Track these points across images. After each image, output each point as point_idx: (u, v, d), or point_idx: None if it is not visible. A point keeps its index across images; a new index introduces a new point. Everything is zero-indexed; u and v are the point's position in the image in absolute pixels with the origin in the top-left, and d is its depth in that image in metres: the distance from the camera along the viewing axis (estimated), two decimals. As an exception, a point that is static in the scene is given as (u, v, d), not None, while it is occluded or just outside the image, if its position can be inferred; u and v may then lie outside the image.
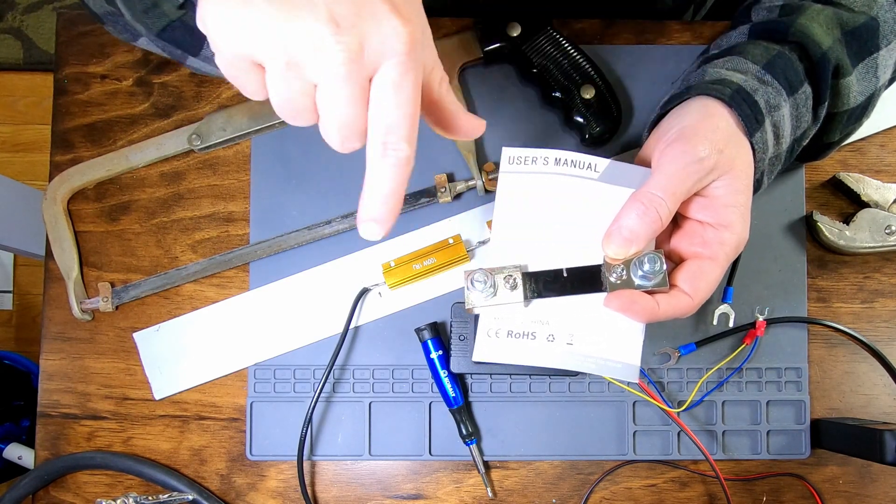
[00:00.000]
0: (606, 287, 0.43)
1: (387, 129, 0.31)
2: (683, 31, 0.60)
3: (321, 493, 0.57)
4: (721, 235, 0.42)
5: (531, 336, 0.44)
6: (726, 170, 0.42)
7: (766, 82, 0.45)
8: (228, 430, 0.57)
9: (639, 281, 0.42)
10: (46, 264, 0.58)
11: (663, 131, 0.44)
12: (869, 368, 0.57)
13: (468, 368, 0.53)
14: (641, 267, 0.42)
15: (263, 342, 0.57)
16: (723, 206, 0.42)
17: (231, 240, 0.58)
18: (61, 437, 0.57)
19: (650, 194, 0.41)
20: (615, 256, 0.42)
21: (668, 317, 0.42)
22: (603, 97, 0.56)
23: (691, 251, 0.44)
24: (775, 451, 0.56)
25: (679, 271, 0.43)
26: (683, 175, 0.41)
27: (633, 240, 0.41)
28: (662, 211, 0.41)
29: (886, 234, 0.55)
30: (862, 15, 0.46)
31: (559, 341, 0.44)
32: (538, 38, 0.56)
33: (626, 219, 0.41)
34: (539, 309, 0.44)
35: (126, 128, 0.59)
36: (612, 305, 0.42)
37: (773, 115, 0.44)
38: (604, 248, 0.43)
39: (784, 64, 0.45)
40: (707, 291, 0.43)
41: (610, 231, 0.42)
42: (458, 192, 0.57)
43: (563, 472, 0.57)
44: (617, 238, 0.41)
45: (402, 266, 0.56)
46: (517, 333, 0.44)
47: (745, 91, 0.44)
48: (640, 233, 0.41)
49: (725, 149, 0.41)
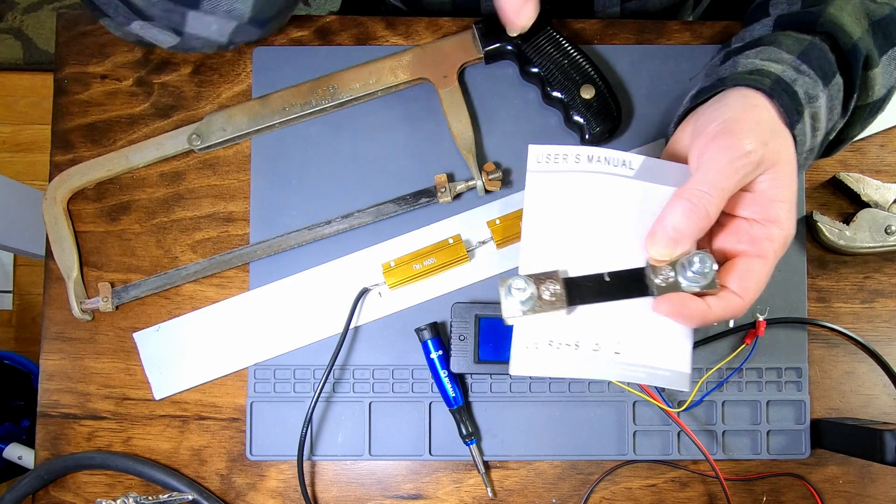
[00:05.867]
0: (653, 290, 0.41)
1: None
2: (683, 31, 0.60)
3: (321, 493, 0.57)
4: (769, 231, 0.41)
5: (574, 346, 0.41)
6: (772, 163, 0.40)
7: (803, 72, 0.43)
8: (228, 430, 0.57)
9: (687, 283, 0.40)
10: (46, 264, 0.58)
11: (702, 125, 0.42)
12: (869, 369, 0.57)
13: (468, 368, 0.53)
14: (690, 267, 0.39)
15: (263, 342, 0.57)
16: (769, 201, 0.40)
17: (231, 240, 0.58)
18: (61, 437, 0.57)
19: (696, 191, 0.39)
20: (660, 258, 0.40)
21: (719, 319, 0.41)
22: (603, 97, 0.56)
23: (738, 249, 0.41)
24: (775, 451, 0.56)
25: (727, 271, 0.41)
26: (731, 170, 0.39)
27: (680, 239, 0.39)
28: (711, 208, 0.39)
29: (886, 234, 0.55)
30: (886, 6, 0.46)
31: (605, 350, 0.41)
32: (538, 38, 0.56)
33: (672, 217, 0.39)
34: (582, 317, 0.41)
35: (126, 128, 0.59)
36: (661, 310, 0.40)
37: (811, 106, 0.43)
38: (648, 249, 0.41)
39: (818, 54, 0.44)
40: (757, 291, 0.41)
41: (654, 231, 0.40)
42: (458, 192, 0.57)
43: (563, 472, 0.57)
44: (662, 238, 0.39)
45: (402, 266, 0.56)
46: (559, 343, 0.41)
47: (784, 81, 0.42)
48: (686, 231, 0.39)
49: (770, 141, 0.40)
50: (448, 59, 0.57)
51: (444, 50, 0.57)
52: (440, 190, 0.56)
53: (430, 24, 0.59)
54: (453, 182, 0.57)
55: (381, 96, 0.58)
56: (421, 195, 0.57)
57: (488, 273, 0.57)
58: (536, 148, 0.44)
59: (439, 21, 0.59)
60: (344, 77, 0.57)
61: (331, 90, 0.57)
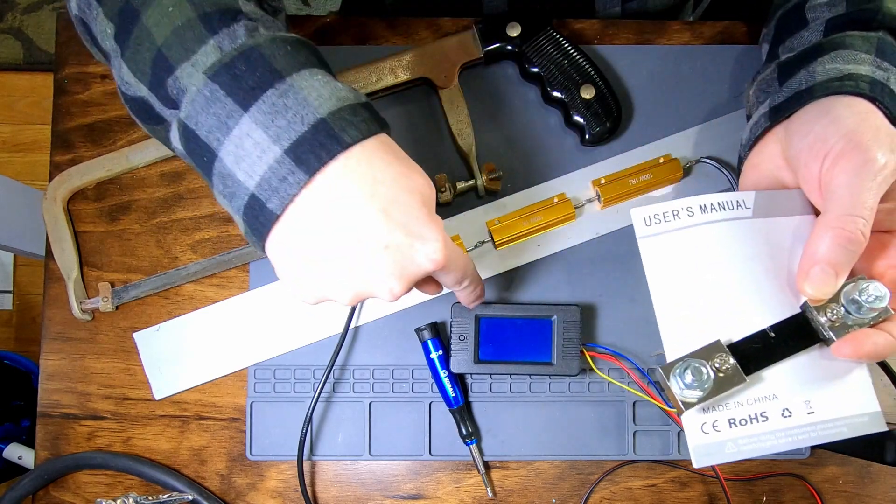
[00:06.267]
0: (825, 334, 0.37)
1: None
2: (683, 31, 0.60)
3: (321, 493, 0.57)
4: None
5: (762, 418, 0.37)
6: None
7: (887, 69, 0.41)
8: (228, 430, 0.57)
9: (859, 315, 0.37)
10: (46, 264, 0.58)
11: (814, 143, 0.39)
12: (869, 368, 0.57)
13: (468, 368, 0.53)
14: (863, 298, 0.36)
15: (263, 342, 0.57)
16: None
17: (231, 240, 0.58)
18: (61, 437, 0.57)
19: (842, 217, 0.36)
20: (819, 296, 0.37)
21: None
22: (603, 97, 0.56)
23: (891, 265, 0.39)
24: (775, 451, 0.56)
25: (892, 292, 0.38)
26: (872, 186, 0.36)
27: (838, 271, 0.36)
28: (865, 230, 0.36)
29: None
30: None
31: (798, 413, 0.37)
32: (538, 38, 0.56)
33: (822, 249, 0.36)
34: (755, 385, 0.38)
35: (126, 128, 0.59)
36: (843, 353, 0.37)
37: None
38: (803, 289, 0.37)
39: (889, 49, 0.42)
40: None
41: (805, 268, 0.37)
42: (458, 192, 0.57)
43: (563, 472, 0.57)
44: (818, 273, 0.36)
45: (402, 266, 0.56)
46: (743, 420, 0.37)
47: (878, 82, 0.40)
48: (842, 261, 0.36)
49: (894, 147, 0.37)
50: (448, 59, 0.57)
51: (444, 50, 0.57)
52: (440, 190, 0.56)
53: (430, 24, 0.59)
54: (453, 182, 0.57)
55: (381, 96, 0.58)
56: (421, 195, 0.57)
57: (488, 273, 0.57)
58: (640, 210, 0.40)
59: (439, 21, 0.59)
60: (344, 77, 0.57)
61: (331, 90, 0.57)
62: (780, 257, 0.38)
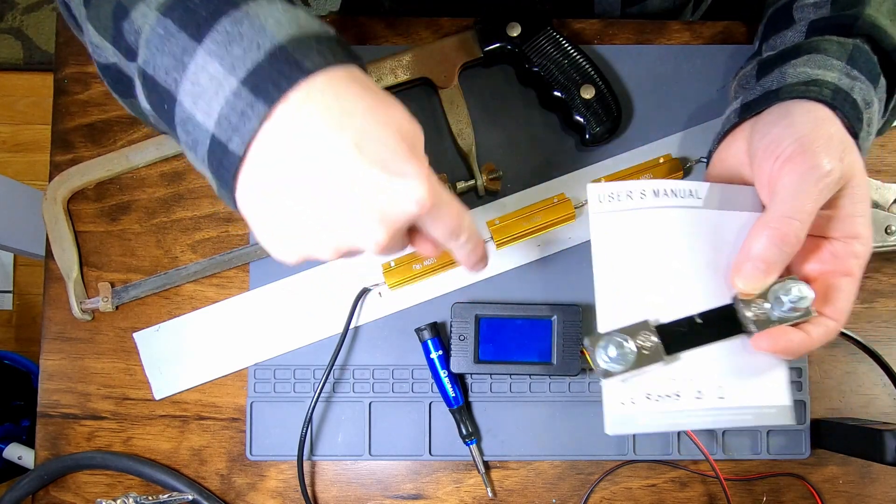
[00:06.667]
0: (748, 327, 0.39)
1: None
2: (683, 31, 0.60)
3: (321, 493, 0.57)
4: (852, 248, 0.39)
5: (675, 396, 0.39)
6: (848, 178, 0.39)
7: (855, 78, 0.42)
8: (228, 430, 0.57)
9: (781, 313, 0.38)
10: (46, 264, 0.58)
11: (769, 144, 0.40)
12: (869, 369, 0.57)
13: (468, 368, 0.53)
14: (787, 297, 0.38)
15: (263, 342, 0.57)
16: (849, 217, 0.39)
17: (231, 240, 0.58)
18: (61, 437, 0.57)
19: (781, 218, 0.38)
20: (749, 290, 0.38)
21: (818, 346, 0.39)
22: (603, 97, 0.56)
23: (822, 270, 0.40)
24: (775, 451, 0.56)
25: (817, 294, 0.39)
26: (815, 192, 0.37)
27: (769, 270, 0.38)
28: (800, 233, 0.37)
29: (886, 234, 0.55)
30: None
31: (709, 397, 0.39)
32: (538, 38, 0.56)
33: (758, 247, 0.38)
34: (675, 364, 0.39)
35: (126, 128, 0.59)
36: (761, 346, 0.39)
37: (868, 112, 0.42)
38: (734, 283, 0.39)
39: (863, 57, 0.43)
40: (848, 311, 0.39)
41: (739, 263, 0.38)
42: (458, 192, 0.57)
43: (563, 472, 0.57)
44: (750, 269, 0.38)
45: (402, 266, 0.56)
46: (658, 396, 0.39)
47: (842, 90, 0.41)
48: (774, 260, 0.38)
49: (844, 156, 0.38)
50: (448, 59, 0.57)
51: (444, 50, 0.57)
52: (440, 190, 0.56)
53: (430, 24, 0.60)
54: (453, 182, 0.57)
55: (381, 96, 0.58)
56: (421, 195, 0.57)
57: (489, 273, 0.57)
58: (596, 186, 0.41)
59: (439, 21, 0.59)
60: (344, 77, 0.57)
61: (331, 90, 0.57)
62: (722, 249, 0.39)
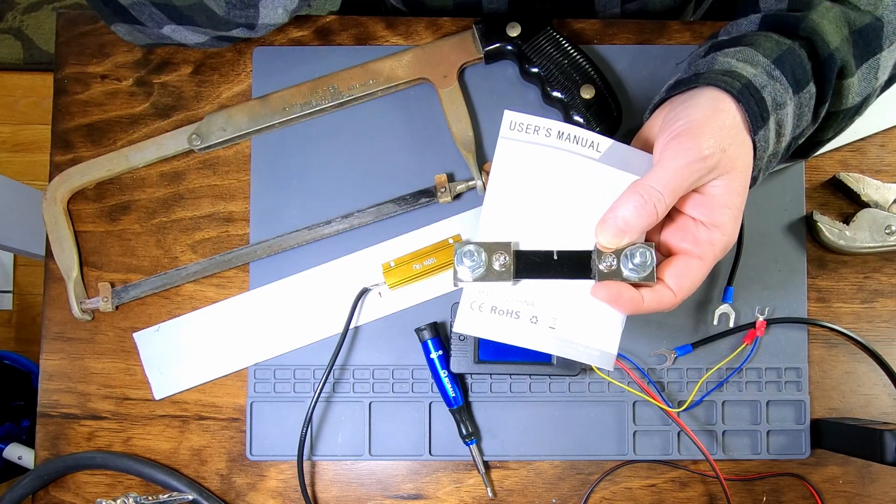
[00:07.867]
0: (595, 275, 0.42)
1: None
2: (683, 31, 0.60)
3: (321, 493, 0.57)
4: (712, 235, 0.42)
5: (515, 315, 0.43)
6: (727, 169, 0.41)
7: (775, 78, 0.44)
8: (228, 430, 0.57)
9: (627, 272, 0.42)
10: (46, 264, 0.58)
11: (669, 121, 0.43)
12: (869, 368, 0.57)
13: (468, 368, 0.53)
14: (632, 259, 0.41)
15: (263, 342, 0.57)
16: (718, 206, 0.42)
17: (231, 240, 0.58)
18: (61, 437, 0.57)
19: (649, 188, 0.41)
20: (607, 245, 0.42)
21: (650, 311, 0.43)
22: (603, 97, 0.56)
23: (680, 247, 0.43)
24: (775, 451, 0.56)
25: (666, 266, 0.43)
26: (686, 172, 0.41)
27: (627, 231, 0.41)
28: (660, 206, 0.41)
29: (886, 234, 0.55)
30: (867, 14, 0.46)
31: (542, 324, 0.43)
32: (538, 38, 0.56)
33: (623, 209, 0.41)
34: (525, 289, 0.43)
35: (126, 128, 0.59)
36: (598, 295, 0.42)
37: (777, 113, 0.44)
38: (596, 235, 0.42)
39: (793, 60, 0.44)
40: (690, 290, 0.43)
41: (605, 219, 0.42)
42: (458, 192, 0.57)
43: (563, 472, 0.57)
44: (611, 227, 0.41)
45: (402, 266, 0.56)
46: (501, 310, 0.43)
47: (753, 86, 0.43)
48: (634, 224, 0.41)
49: (729, 148, 0.41)
50: (448, 59, 0.57)
51: (444, 50, 0.57)
52: (440, 190, 0.56)
53: (430, 24, 0.59)
54: (453, 182, 0.57)
55: (381, 96, 0.58)
56: (421, 195, 0.57)
57: (488, 273, 0.57)
58: (512, 114, 0.44)
59: (439, 21, 0.59)
60: (344, 77, 0.57)
61: (331, 90, 0.57)
62: (603, 204, 0.42)
